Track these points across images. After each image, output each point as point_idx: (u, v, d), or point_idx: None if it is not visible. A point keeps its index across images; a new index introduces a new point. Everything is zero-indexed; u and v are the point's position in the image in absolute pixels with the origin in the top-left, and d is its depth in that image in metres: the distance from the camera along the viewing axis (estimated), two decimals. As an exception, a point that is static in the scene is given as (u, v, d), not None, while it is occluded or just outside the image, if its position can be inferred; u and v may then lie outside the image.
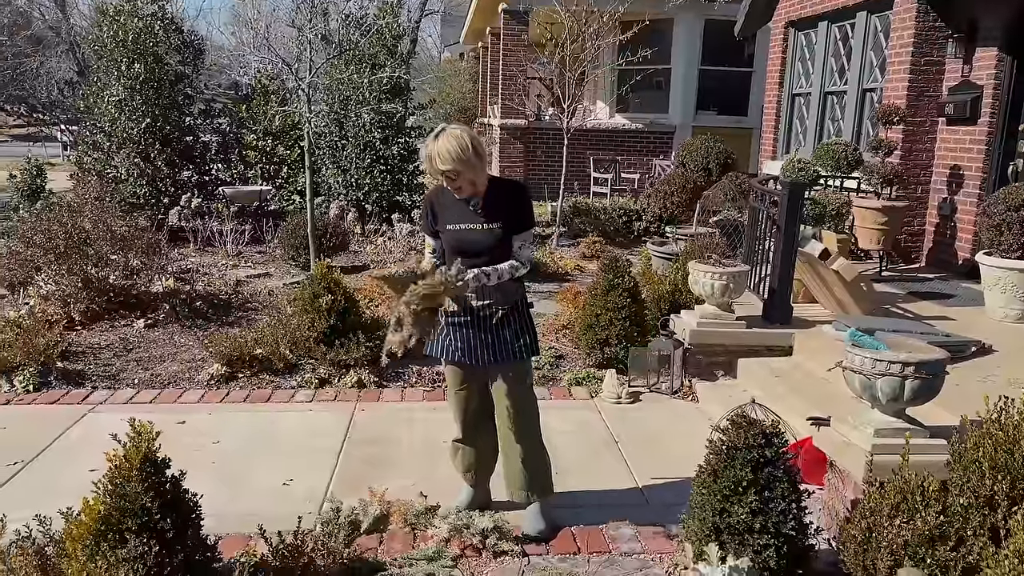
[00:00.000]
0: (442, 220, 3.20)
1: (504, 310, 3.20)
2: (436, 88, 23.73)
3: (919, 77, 7.40)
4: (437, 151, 3.00)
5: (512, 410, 3.28)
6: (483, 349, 3.22)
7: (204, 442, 4.24)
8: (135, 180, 9.86)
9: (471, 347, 3.24)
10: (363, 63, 9.84)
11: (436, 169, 3.03)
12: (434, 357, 3.40)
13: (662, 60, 13.32)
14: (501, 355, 3.23)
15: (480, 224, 3.14)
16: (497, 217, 3.14)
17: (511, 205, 3.20)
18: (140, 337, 5.89)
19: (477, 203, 3.14)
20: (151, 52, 9.80)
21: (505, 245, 3.17)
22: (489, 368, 3.28)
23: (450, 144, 2.99)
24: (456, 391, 3.39)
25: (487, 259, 3.14)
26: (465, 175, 3.04)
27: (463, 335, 3.24)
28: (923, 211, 7.70)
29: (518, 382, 3.29)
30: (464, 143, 3.01)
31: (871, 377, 3.09)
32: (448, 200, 3.19)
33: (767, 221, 5.43)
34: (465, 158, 3.00)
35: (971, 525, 2.53)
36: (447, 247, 3.23)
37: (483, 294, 3.16)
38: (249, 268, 8.26)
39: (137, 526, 2.56)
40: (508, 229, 3.16)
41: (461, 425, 3.44)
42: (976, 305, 5.82)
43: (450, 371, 3.38)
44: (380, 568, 3.03)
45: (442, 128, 3.06)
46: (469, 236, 3.16)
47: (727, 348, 5.15)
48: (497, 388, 3.29)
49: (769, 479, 2.76)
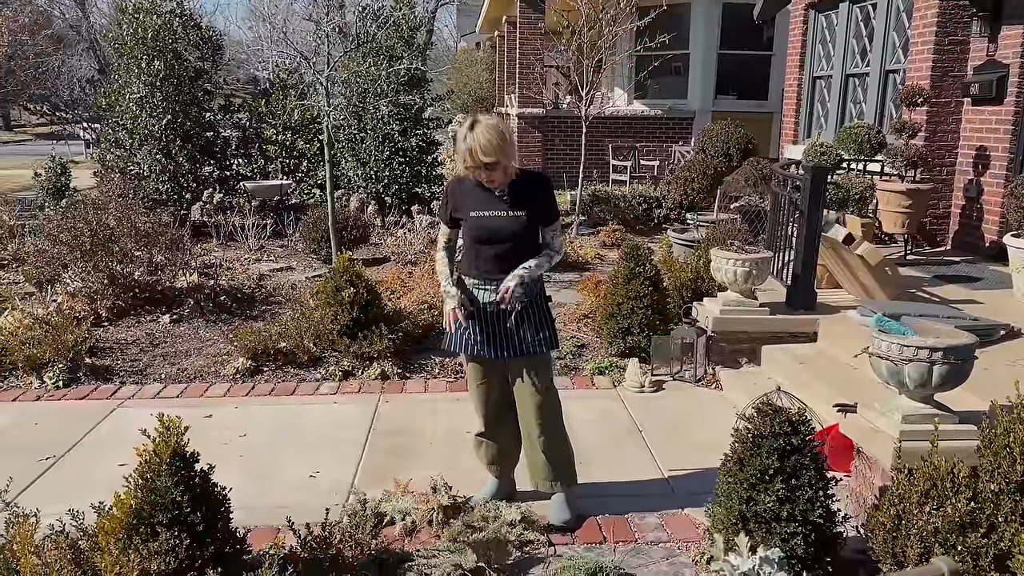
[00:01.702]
0: (465, 207, 3.21)
1: (523, 303, 3.20)
2: (453, 79, 23.69)
3: (943, 57, 7.28)
4: (479, 144, 2.98)
5: (534, 404, 3.29)
6: (503, 343, 3.24)
7: (231, 436, 4.28)
8: (157, 176, 9.94)
9: (491, 342, 3.25)
10: (380, 55, 9.84)
11: (479, 162, 3.00)
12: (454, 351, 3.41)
13: (680, 45, 13.19)
14: (521, 349, 3.24)
15: (505, 211, 3.15)
16: (522, 205, 3.16)
17: (537, 195, 3.22)
18: (166, 332, 5.95)
19: (503, 190, 3.15)
20: (170, 49, 9.86)
21: (530, 234, 3.20)
22: (509, 362, 3.29)
23: (491, 135, 2.99)
24: (477, 385, 3.40)
25: (510, 246, 3.17)
26: (502, 164, 3.05)
27: (483, 330, 3.24)
28: (948, 193, 7.59)
29: (539, 376, 3.29)
30: (503, 133, 3.03)
31: (898, 363, 3.05)
32: (471, 188, 3.20)
33: (789, 206, 5.37)
34: (504, 148, 3.01)
35: (1002, 511, 2.50)
36: (470, 234, 3.23)
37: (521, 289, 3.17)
38: (271, 262, 8.31)
39: (168, 520, 2.59)
40: (534, 219, 3.19)
41: (483, 419, 3.45)
42: (1004, 288, 5.74)
43: (471, 366, 3.39)
44: (407, 559, 3.05)
45: (475, 120, 3.05)
46: (493, 223, 3.16)
47: (750, 335, 5.11)
48: (518, 382, 3.30)
49: (796, 467, 2.75)
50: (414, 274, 7.25)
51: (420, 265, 7.56)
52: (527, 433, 3.35)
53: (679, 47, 13.12)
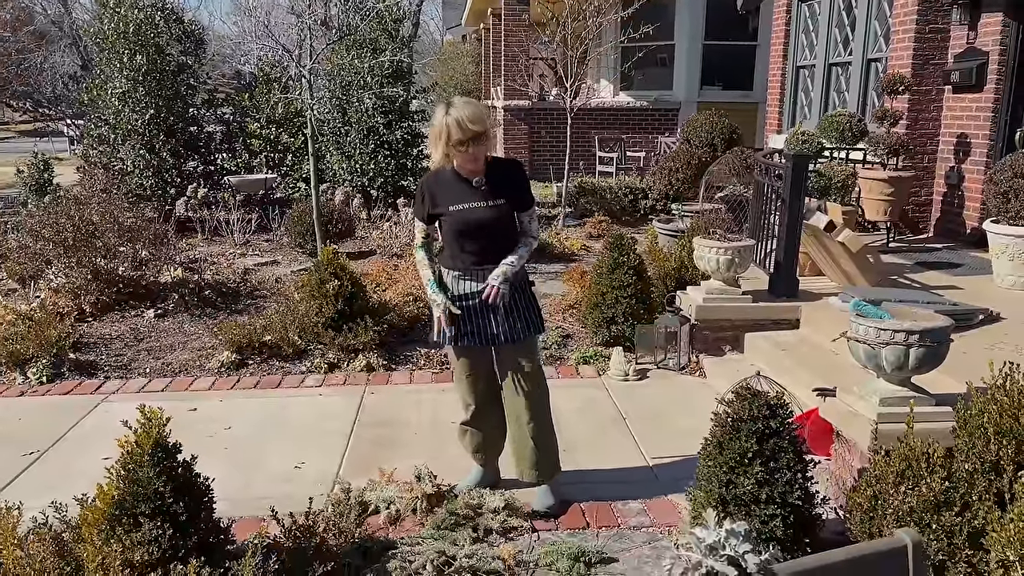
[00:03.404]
0: (443, 202, 3.19)
1: (509, 292, 3.21)
2: (439, 71, 23.64)
3: (924, 45, 7.33)
4: (465, 116, 2.98)
5: (524, 389, 3.30)
6: (491, 332, 3.24)
7: (216, 428, 4.28)
8: (141, 172, 9.89)
9: (479, 331, 3.25)
10: (364, 48, 9.81)
11: (468, 133, 2.99)
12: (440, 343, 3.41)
13: (665, 36, 13.21)
14: (510, 336, 3.25)
15: (484, 202, 3.15)
16: (500, 194, 3.17)
17: (514, 181, 3.24)
18: (150, 327, 5.94)
19: (481, 181, 3.15)
20: (152, 43, 9.80)
21: (510, 221, 3.22)
22: (499, 349, 3.30)
23: (472, 108, 3.02)
24: (466, 376, 3.39)
25: (491, 236, 3.18)
26: (488, 136, 3.05)
27: (470, 320, 3.24)
28: (930, 181, 7.65)
29: (528, 361, 3.30)
30: (482, 107, 3.07)
31: (875, 346, 3.09)
32: (447, 182, 3.19)
33: (772, 195, 5.41)
34: (488, 120, 3.04)
35: (976, 490, 2.54)
36: (450, 229, 3.21)
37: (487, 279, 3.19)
38: (257, 256, 8.30)
39: (150, 510, 2.60)
40: (513, 206, 3.20)
41: (470, 408, 3.44)
42: (984, 273, 5.80)
43: (460, 356, 3.37)
44: (391, 547, 3.07)
45: (448, 102, 3.06)
46: (474, 215, 3.15)
47: (733, 323, 5.15)
48: (507, 369, 3.32)
49: (775, 450, 2.78)
50: (399, 266, 7.26)
51: (406, 258, 7.56)
52: (515, 418, 3.35)
53: (664, 38, 13.14)
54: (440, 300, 3.21)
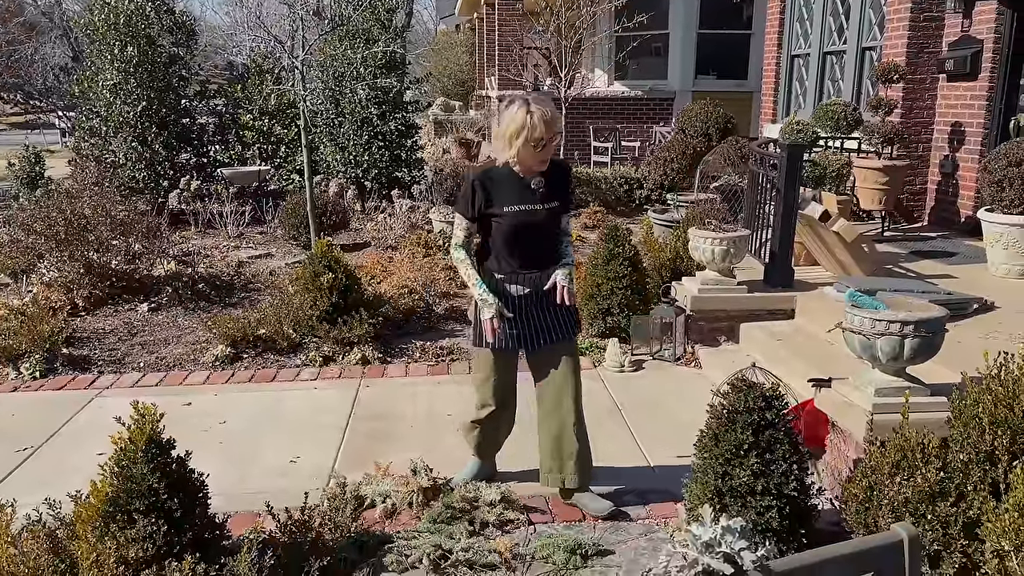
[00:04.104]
0: (498, 202, 3.08)
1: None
2: (432, 61, 23.55)
3: (918, 33, 7.31)
4: (549, 113, 2.96)
5: (570, 391, 3.22)
6: (537, 334, 3.19)
7: (211, 423, 4.27)
8: (133, 164, 9.83)
9: (526, 333, 3.18)
10: (357, 38, 9.75)
11: (552, 130, 2.96)
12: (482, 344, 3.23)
13: (659, 25, 13.16)
14: (558, 334, 3.20)
15: (540, 204, 3.09)
16: (554, 196, 3.13)
17: (566, 184, 3.20)
18: (144, 321, 5.92)
19: (540, 182, 3.09)
20: (143, 34, 9.73)
21: (558, 224, 3.20)
22: (543, 350, 3.22)
23: (551, 106, 3.01)
24: (492, 378, 3.27)
25: (543, 238, 3.15)
26: (557, 141, 3.05)
27: (516, 322, 3.17)
28: (924, 170, 7.65)
29: (573, 360, 3.24)
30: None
31: (871, 337, 3.09)
32: (503, 181, 3.10)
33: (767, 185, 5.40)
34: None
35: (971, 480, 2.54)
36: (502, 230, 3.10)
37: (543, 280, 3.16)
38: (251, 249, 8.27)
39: (145, 507, 2.59)
40: (562, 208, 3.17)
41: (489, 408, 3.33)
42: (979, 262, 5.80)
43: (491, 357, 3.24)
44: (387, 541, 3.06)
45: (525, 98, 3.01)
46: (532, 218, 3.08)
47: (729, 313, 5.15)
48: (550, 369, 3.23)
49: (770, 441, 2.78)
50: (394, 259, 7.24)
51: (401, 250, 7.54)
52: (560, 423, 3.23)
53: (658, 27, 13.10)
54: (491, 300, 3.11)
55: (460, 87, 21.40)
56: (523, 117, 2.94)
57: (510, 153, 3.01)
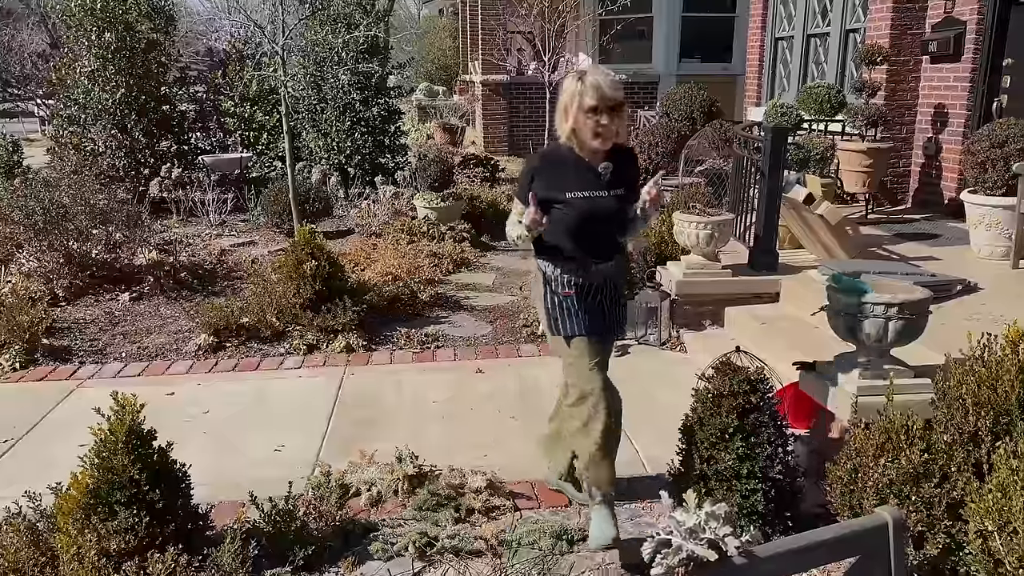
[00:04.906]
0: (560, 187, 2.80)
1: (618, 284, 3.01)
2: (415, 46, 23.37)
3: (902, 15, 7.31)
4: (603, 81, 2.70)
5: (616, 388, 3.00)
6: (612, 323, 2.98)
7: (194, 412, 4.24)
8: (113, 152, 9.69)
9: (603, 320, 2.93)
10: (338, 23, 9.64)
11: (606, 99, 2.68)
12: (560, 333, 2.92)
13: (643, 8, 13.10)
14: (620, 329, 3.08)
15: (606, 191, 2.83)
16: (619, 183, 2.86)
17: (633, 170, 2.95)
18: (125, 310, 5.85)
19: (608, 167, 2.82)
20: (121, 20, 9.56)
21: (625, 214, 2.90)
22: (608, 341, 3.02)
23: (610, 77, 2.74)
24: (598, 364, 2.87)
25: (610, 229, 2.88)
26: (623, 115, 2.77)
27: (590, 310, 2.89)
28: (908, 152, 7.67)
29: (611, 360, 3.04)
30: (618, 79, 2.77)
31: (855, 319, 3.09)
32: (566, 164, 2.83)
33: (751, 168, 5.39)
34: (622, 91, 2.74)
35: (955, 461, 2.55)
36: (565, 219, 2.79)
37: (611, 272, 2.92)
38: (233, 237, 8.19)
39: (126, 498, 2.57)
40: (631, 195, 2.89)
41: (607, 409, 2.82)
42: (962, 244, 5.83)
43: (585, 344, 2.87)
44: (373, 529, 3.05)
45: (582, 70, 2.77)
46: (599, 205, 2.81)
47: (714, 297, 5.15)
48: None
49: (755, 425, 2.78)
50: (378, 245, 7.19)
51: (385, 236, 7.49)
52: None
53: (642, 10, 13.03)
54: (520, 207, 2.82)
55: (444, 72, 21.25)
56: (573, 85, 2.72)
57: (566, 128, 2.77)
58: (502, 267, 7.08)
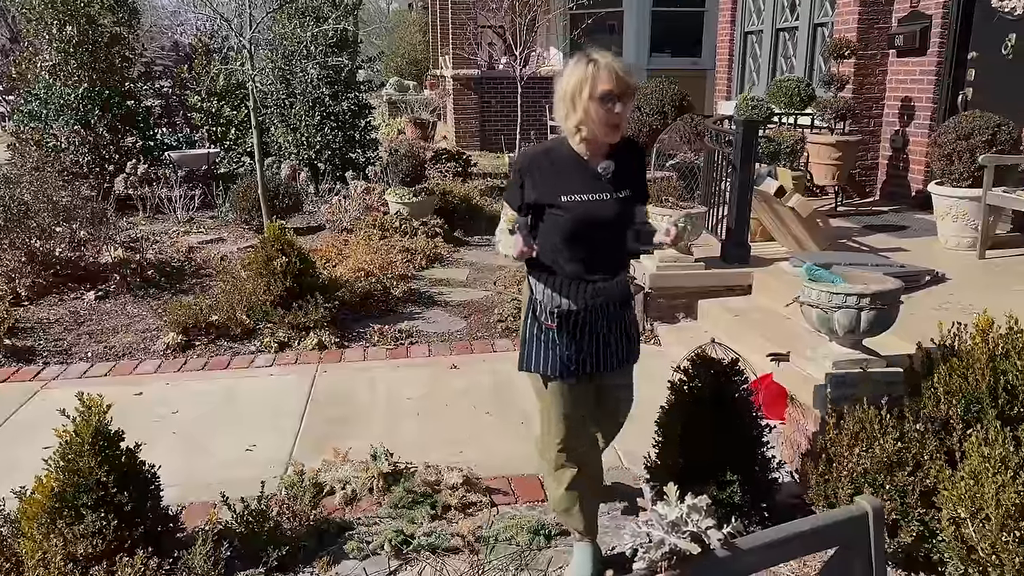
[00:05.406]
0: (555, 189, 2.44)
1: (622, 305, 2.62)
2: (385, 40, 23.21)
3: (869, 9, 7.38)
4: (615, 63, 2.36)
5: (618, 421, 2.82)
6: (602, 353, 2.57)
7: (163, 412, 4.16)
8: (76, 148, 9.49)
9: (592, 352, 2.55)
10: (306, 16, 9.52)
11: (622, 83, 2.35)
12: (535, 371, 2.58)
13: (613, 3, 13.13)
14: (624, 357, 2.64)
15: (609, 193, 2.46)
16: (625, 184, 2.50)
17: (639, 168, 2.60)
18: (91, 309, 5.73)
19: (608, 167, 2.45)
20: (83, 13, 9.37)
21: (631, 219, 2.54)
22: (608, 375, 2.64)
23: (620, 59, 2.40)
24: (571, 413, 2.58)
25: (613, 237, 2.50)
26: (631, 103, 2.41)
27: (578, 341, 2.53)
28: (876, 145, 7.75)
29: (630, 389, 2.74)
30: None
31: (828, 310, 3.11)
32: (563, 163, 2.48)
33: (723, 161, 5.41)
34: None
35: (928, 450, 2.58)
36: (561, 226, 2.44)
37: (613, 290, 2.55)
38: (201, 234, 8.06)
39: (93, 501, 2.51)
40: (638, 197, 2.55)
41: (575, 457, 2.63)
42: (929, 235, 5.91)
43: (562, 390, 2.56)
44: (348, 528, 3.01)
45: (587, 52, 2.41)
46: (602, 210, 2.44)
47: (687, 290, 5.16)
48: (605, 397, 2.72)
49: (731, 416, 2.78)
50: (350, 241, 7.13)
51: (356, 232, 7.42)
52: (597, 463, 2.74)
53: (612, 4, 13.07)
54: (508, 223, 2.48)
55: (414, 67, 21.14)
56: (583, 69, 2.36)
57: (575, 118, 2.38)
58: (476, 262, 7.05)
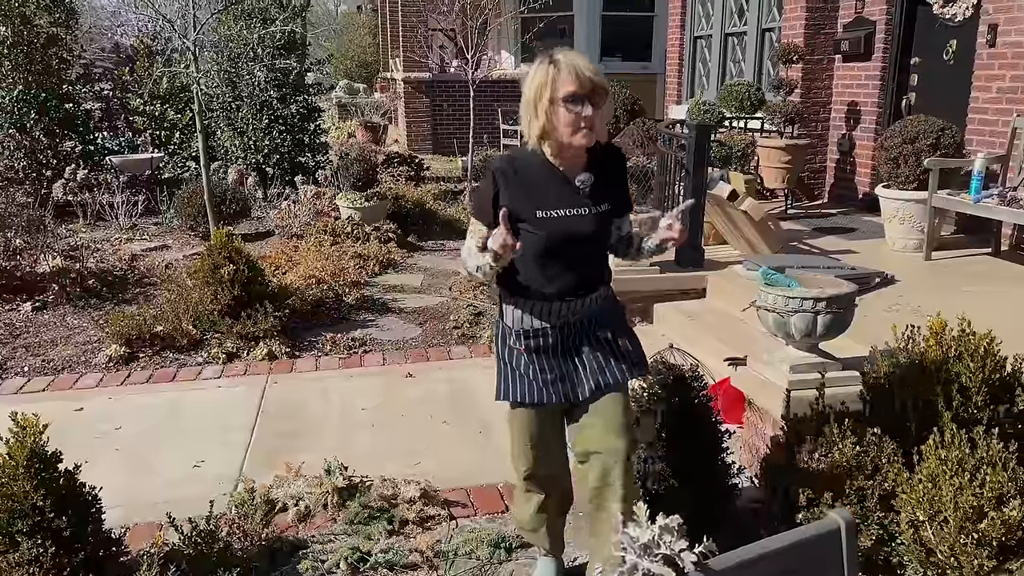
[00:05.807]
0: (527, 203, 2.22)
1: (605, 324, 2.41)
2: (334, 43, 22.94)
3: (815, 14, 7.51)
4: (577, 61, 2.15)
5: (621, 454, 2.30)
6: (578, 378, 2.36)
7: (106, 428, 3.99)
8: (11, 153, 9.14)
9: (564, 379, 2.35)
10: (253, 17, 9.33)
11: (587, 83, 2.13)
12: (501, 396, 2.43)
13: (564, 7, 13.16)
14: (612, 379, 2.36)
15: (588, 208, 2.26)
16: (605, 196, 2.30)
17: (620, 176, 2.40)
18: (28, 321, 5.50)
19: (586, 179, 2.26)
20: (17, 13, 9.03)
21: (608, 233, 2.37)
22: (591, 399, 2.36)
23: (586, 59, 2.19)
24: (536, 442, 2.44)
25: (586, 256, 2.33)
26: (605, 107, 2.18)
27: (551, 367, 2.34)
28: (824, 148, 7.89)
29: (626, 412, 2.38)
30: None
31: (784, 314, 3.11)
32: (534, 174, 2.26)
33: (675, 165, 5.43)
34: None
35: (885, 453, 2.58)
36: (534, 243, 2.22)
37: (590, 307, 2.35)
38: (145, 241, 7.83)
39: (28, 527, 2.37)
40: (618, 209, 2.36)
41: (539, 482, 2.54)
42: (877, 237, 6.01)
43: (528, 417, 2.41)
44: (302, 546, 2.91)
45: (547, 53, 2.21)
46: (578, 226, 2.25)
47: (643, 294, 5.16)
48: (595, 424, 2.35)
49: (692, 422, 2.76)
50: (300, 247, 6.98)
51: (306, 238, 7.27)
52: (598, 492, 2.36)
53: (563, 8, 13.10)
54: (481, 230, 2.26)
55: (364, 69, 20.91)
56: (544, 71, 2.16)
57: (537, 125, 2.19)
58: (430, 268, 6.97)
